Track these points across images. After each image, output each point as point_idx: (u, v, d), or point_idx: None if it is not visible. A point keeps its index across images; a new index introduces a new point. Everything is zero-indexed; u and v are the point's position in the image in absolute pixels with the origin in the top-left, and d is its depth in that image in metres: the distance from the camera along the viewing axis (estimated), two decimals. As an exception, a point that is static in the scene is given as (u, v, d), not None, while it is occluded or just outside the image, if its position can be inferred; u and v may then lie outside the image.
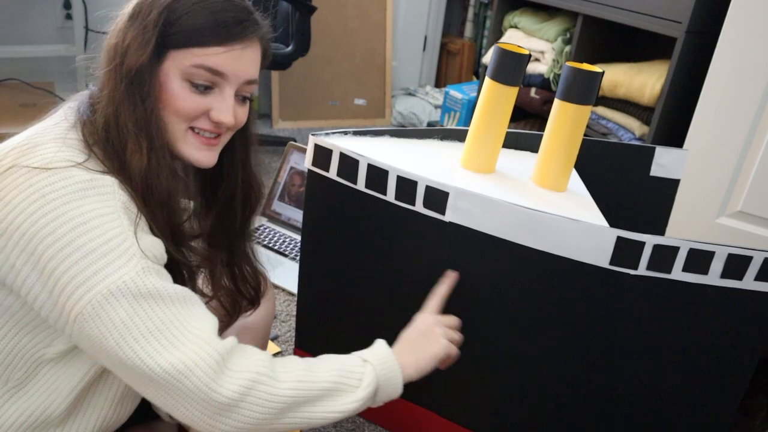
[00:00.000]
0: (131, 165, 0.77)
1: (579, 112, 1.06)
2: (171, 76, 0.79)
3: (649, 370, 0.96)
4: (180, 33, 0.78)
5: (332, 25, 2.78)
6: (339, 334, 1.19)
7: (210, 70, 0.79)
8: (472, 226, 0.96)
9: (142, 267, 0.72)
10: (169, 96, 0.79)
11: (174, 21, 0.78)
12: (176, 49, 0.78)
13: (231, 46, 0.80)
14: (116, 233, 0.72)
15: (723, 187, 1.69)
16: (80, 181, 0.72)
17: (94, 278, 0.70)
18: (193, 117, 0.81)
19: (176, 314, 0.73)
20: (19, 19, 2.33)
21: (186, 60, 0.78)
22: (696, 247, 0.87)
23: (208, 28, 0.78)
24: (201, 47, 0.78)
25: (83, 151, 0.76)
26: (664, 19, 1.80)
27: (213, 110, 0.81)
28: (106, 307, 0.70)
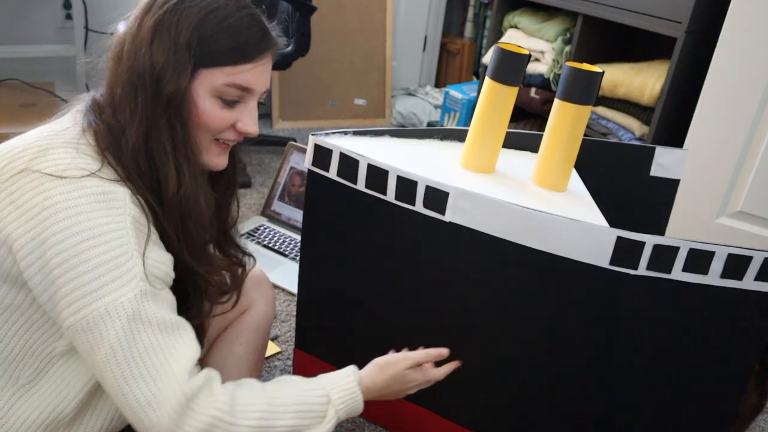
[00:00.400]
0: (167, 187, 0.79)
1: (579, 112, 1.06)
2: (201, 94, 0.80)
3: (649, 369, 0.97)
4: (212, 53, 0.79)
5: (332, 25, 2.78)
6: (339, 334, 1.19)
7: (241, 87, 0.81)
8: (472, 226, 0.96)
9: (140, 290, 0.73)
10: (201, 113, 0.81)
11: (205, 41, 0.78)
12: (207, 68, 0.79)
13: (257, 62, 0.82)
14: (123, 251, 0.73)
15: (723, 187, 1.69)
16: (93, 193, 0.74)
17: (94, 294, 0.72)
18: (221, 130, 0.84)
19: (161, 343, 0.74)
20: (19, 19, 2.33)
21: (218, 79, 0.80)
22: (696, 247, 0.87)
23: (239, 48, 0.80)
24: (232, 66, 0.80)
25: (96, 159, 0.77)
26: (664, 19, 1.80)
27: (240, 122, 0.84)
28: (100, 325, 0.72)
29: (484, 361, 1.05)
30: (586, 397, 1.00)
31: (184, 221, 0.82)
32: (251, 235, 1.80)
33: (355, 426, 1.23)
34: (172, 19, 0.78)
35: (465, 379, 1.08)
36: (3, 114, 2.02)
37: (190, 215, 0.82)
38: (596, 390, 0.99)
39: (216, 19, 0.79)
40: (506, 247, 0.95)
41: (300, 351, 1.26)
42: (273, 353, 1.38)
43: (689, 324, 0.92)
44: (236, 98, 0.83)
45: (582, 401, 1.01)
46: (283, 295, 1.59)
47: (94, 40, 2.36)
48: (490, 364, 1.05)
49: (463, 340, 1.05)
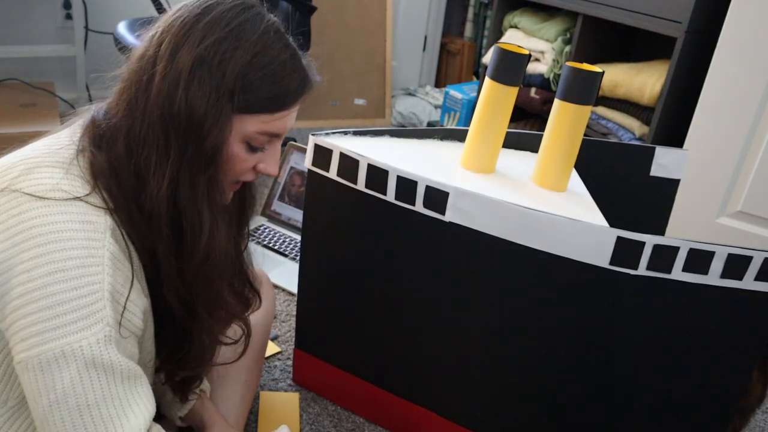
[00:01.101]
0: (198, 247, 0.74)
1: (579, 112, 1.06)
2: (232, 141, 0.75)
3: (648, 369, 0.96)
4: (252, 101, 0.74)
5: (332, 25, 2.78)
6: (339, 334, 1.19)
7: (272, 134, 0.78)
8: (472, 226, 0.96)
9: (104, 335, 0.67)
10: (228, 159, 0.76)
11: (248, 88, 0.73)
12: (242, 113, 0.74)
13: (293, 108, 0.78)
14: (91, 290, 0.67)
15: (723, 187, 1.69)
16: (73, 220, 0.68)
17: (52, 332, 0.65)
18: (243, 174, 0.80)
19: (118, 393, 0.69)
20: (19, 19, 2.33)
21: (251, 126, 0.75)
22: (696, 247, 0.87)
23: (280, 97, 0.75)
24: (270, 114, 0.75)
25: (87, 183, 0.71)
26: (664, 19, 1.80)
27: (262, 163, 0.80)
28: (53, 367, 0.66)
29: (484, 361, 1.05)
30: (587, 396, 1.00)
31: (209, 279, 0.77)
32: (251, 235, 1.80)
33: (355, 426, 1.23)
34: (215, 60, 0.71)
35: (465, 379, 1.08)
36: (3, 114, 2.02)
37: (219, 274, 0.78)
38: (596, 390, 0.99)
39: (261, 64, 0.73)
40: (506, 247, 0.95)
41: (300, 351, 1.26)
42: (273, 353, 1.38)
43: (689, 324, 0.92)
44: (264, 144, 0.79)
45: (582, 401, 1.01)
46: (283, 295, 1.59)
47: (94, 40, 2.36)
48: (489, 363, 1.05)
49: (462, 339, 1.05)
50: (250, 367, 1.11)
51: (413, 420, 1.17)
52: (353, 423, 1.24)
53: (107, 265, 0.68)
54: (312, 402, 1.27)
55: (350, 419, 1.24)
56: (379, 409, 1.21)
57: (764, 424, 1.37)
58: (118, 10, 2.39)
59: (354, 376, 1.21)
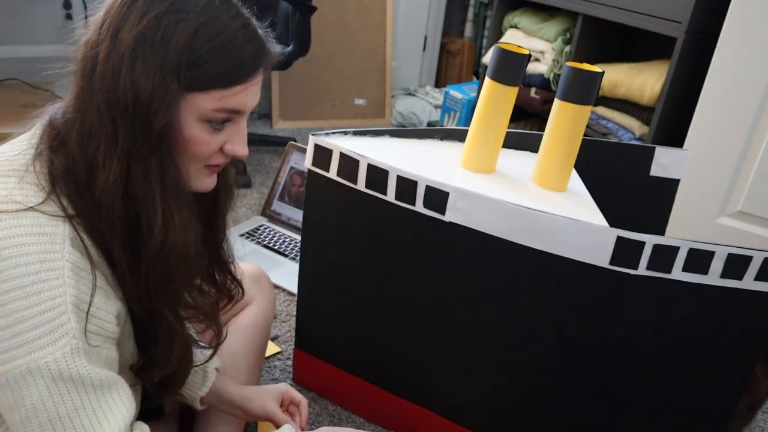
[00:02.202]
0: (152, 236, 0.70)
1: (579, 112, 1.06)
2: (188, 120, 0.71)
3: (648, 369, 0.96)
4: (202, 77, 0.69)
5: (332, 25, 2.78)
6: (339, 333, 1.19)
7: (231, 110, 0.73)
8: (472, 226, 0.96)
9: (71, 348, 0.65)
10: (188, 141, 0.72)
11: (195, 63, 0.68)
12: (194, 92, 0.70)
13: (249, 81, 0.73)
14: (53, 305, 0.65)
15: (723, 187, 1.69)
16: (28, 233, 0.65)
17: (16, 350, 0.64)
18: (209, 156, 0.75)
19: (91, 402, 0.68)
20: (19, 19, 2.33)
21: (207, 104, 0.71)
22: (696, 247, 0.87)
23: (232, 70, 0.70)
24: (223, 89, 0.71)
25: (43, 190, 0.68)
26: (664, 19, 1.80)
27: (228, 143, 0.76)
28: (21, 384, 0.64)
29: (484, 361, 1.05)
30: (587, 396, 1.00)
31: (169, 271, 0.73)
32: (251, 235, 1.80)
33: (355, 426, 1.23)
34: (156, 36, 0.67)
35: (465, 379, 1.08)
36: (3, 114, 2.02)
37: (176, 265, 0.73)
38: (596, 389, 0.99)
39: (207, 36, 0.68)
40: (506, 247, 0.95)
41: (300, 351, 1.26)
42: (273, 353, 1.38)
43: (689, 324, 0.92)
44: (225, 120, 0.74)
45: (582, 401, 1.01)
46: (283, 295, 1.59)
47: (94, 40, 2.35)
48: (489, 363, 1.05)
49: (462, 339, 1.05)
50: (250, 368, 1.11)
51: (413, 420, 1.17)
52: (353, 423, 1.24)
53: (68, 276, 0.66)
54: (312, 402, 1.27)
55: (350, 419, 1.24)
56: (379, 409, 1.21)
57: (764, 424, 1.37)
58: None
59: (354, 376, 1.21)
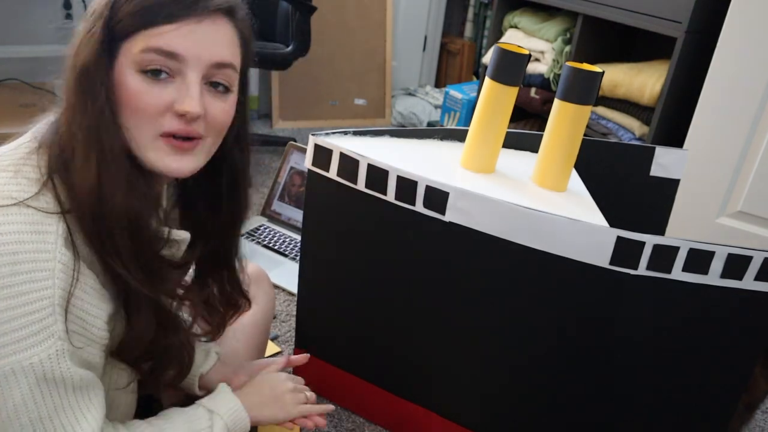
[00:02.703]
0: (80, 182, 0.67)
1: (579, 112, 1.06)
2: (125, 71, 0.69)
3: (649, 369, 0.96)
4: (125, 19, 0.68)
5: (332, 25, 2.78)
6: (339, 334, 1.19)
7: (161, 51, 0.68)
8: (472, 226, 0.96)
9: (56, 349, 0.65)
10: (126, 93, 0.69)
11: (119, 8, 0.68)
12: (125, 39, 0.69)
13: (182, 21, 0.68)
14: (40, 306, 0.64)
15: (723, 187, 1.69)
16: (18, 231, 0.63)
17: (2, 350, 0.63)
18: (155, 113, 0.70)
19: (70, 403, 0.68)
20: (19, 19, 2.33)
21: (134, 46, 0.68)
22: (696, 247, 0.87)
23: (151, 6, 0.68)
24: (147, 28, 0.68)
25: (36, 183, 0.67)
26: (664, 19, 1.80)
27: (176, 101, 0.70)
28: (3, 384, 0.63)
29: (484, 361, 1.05)
30: (586, 396, 1.00)
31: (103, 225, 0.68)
32: (251, 235, 1.80)
33: (355, 426, 1.23)
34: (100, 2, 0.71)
35: (465, 379, 1.08)
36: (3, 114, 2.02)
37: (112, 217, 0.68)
38: (596, 389, 0.99)
39: None
40: (506, 247, 0.95)
41: (300, 351, 1.26)
42: (273, 353, 1.38)
43: (689, 324, 0.92)
44: (163, 68, 0.69)
45: (582, 401, 1.01)
46: (283, 295, 1.59)
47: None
48: (489, 363, 1.05)
49: (462, 339, 1.05)
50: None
51: (413, 420, 1.17)
52: (353, 423, 1.24)
53: (58, 278, 0.64)
54: (312, 402, 1.27)
55: (350, 419, 1.24)
56: (379, 409, 1.21)
57: (764, 424, 1.37)
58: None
59: (354, 376, 1.21)
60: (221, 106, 0.74)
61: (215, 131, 0.75)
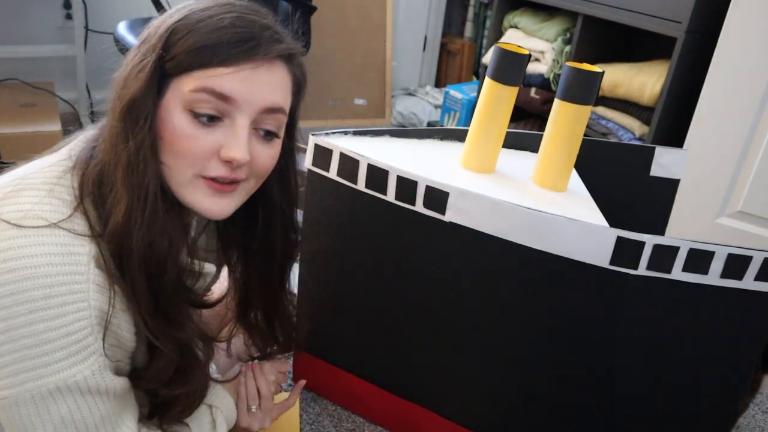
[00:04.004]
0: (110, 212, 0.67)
1: (579, 112, 1.05)
2: (172, 109, 0.67)
3: (648, 369, 0.96)
4: (179, 55, 0.67)
5: (332, 25, 2.78)
6: (339, 334, 1.19)
7: (214, 93, 0.67)
8: (472, 226, 0.96)
9: (99, 365, 0.66)
10: (171, 133, 0.67)
11: (174, 43, 0.67)
12: (177, 76, 0.67)
13: (239, 66, 0.67)
14: (80, 326, 0.64)
15: (723, 187, 1.69)
16: (51, 253, 0.62)
17: (44, 369, 0.63)
18: (200, 158, 0.68)
19: (113, 409, 0.69)
20: (19, 19, 2.33)
21: (186, 85, 0.67)
22: (696, 247, 0.87)
23: (209, 46, 0.67)
24: (203, 69, 0.67)
25: (69, 204, 0.66)
26: (664, 19, 1.80)
27: (223, 147, 0.68)
28: (48, 401, 0.64)
29: (484, 361, 1.05)
30: (586, 397, 1.00)
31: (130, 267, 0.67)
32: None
33: (355, 426, 1.23)
34: (152, 32, 0.70)
35: (465, 379, 1.08)
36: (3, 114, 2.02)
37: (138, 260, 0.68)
38: (596, 390, 0.99)
39: (191, 21, 0.68)
40: (506, 247, 0.95)
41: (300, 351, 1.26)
42: (273, 353, 1.38)
43: (689, 324, 0.92)
44: (213, 111, 0.67)
45: (582, 401, 1.01)
46: (283, 295, 1.59)
47: (94, 40, 2.36)
48: (489, 363, 1.05)
49: (462, 339, 1.05)
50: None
51: (413, 420, 1.17)
52: (353, 423, 1.24)
53: (93, 299, 0.64)
54: (312, 402, 1.27)
55: (350, 419, 1.24)
56: (379, 409, 1.21)
57: (764, 424, 1.37)
58: (118, 10, 2.39)
59: (354, 376, 1.21)
60: (267, 152, 0.74)
61: (258, 176, 0.75)
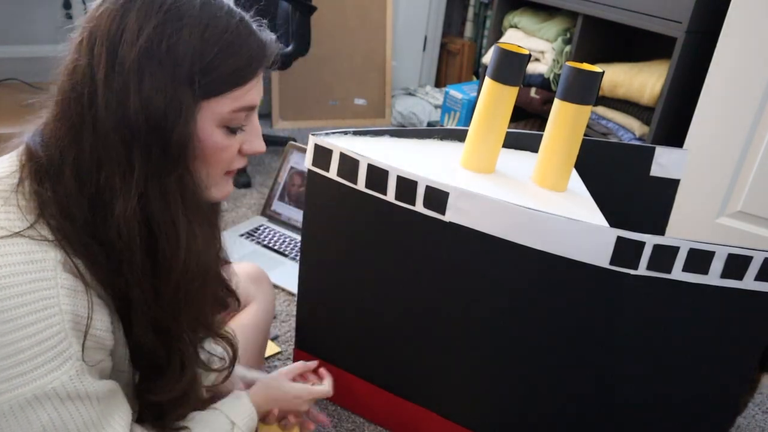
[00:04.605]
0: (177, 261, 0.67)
1: (579, 112, 1.06)
2: (208, 128, 0.67)
3: (649, 369, 0.96)
4: (217, 81, 0.66)
5: (332, 25, 2.78)
6: (339, 334, 1.19)
7: (248, 108, 0.70)
8: (472, 226, 0.96)
9: (76, 370, 0.64)
10: (210, 150, 0.69)
11: (207, 68, 0.65)
12: (210, 98, 0.66)
13: (258, 76, 0.70)
14: (52, 333, 0.62)
15: (723, 187, 1.69)
16: (16, 262, 0.61)
17: (20, 378, 0.62)
18: (231, 160, 0.72)
19: (97, 413, 0.67)
20: (19, 19, 2.33)
21: (224, 107, 0.67)
22: (696, 247, 0.87)
23: (244, 67, 0.68)
24: (239, 88, 0.68)
25: (29, 214, 0.64)
26: (664, 19, 1.80)
27: (245, 144, 0.73)
28: (28, 411, 0.62)
29: (484, 361, 1.05)
30: (586, 396, 1.00)
31: (194, 295, 0.70)
32: (251, 235, 1.80)
33: (355, 426, 1.23)
34: (161, 48, 0.63)
35: (465, 379, 1.08)
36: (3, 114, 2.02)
37: (202, 286, 0.70)
38: (596, 389, 0.99)
39: (214, 38, 0.65)
40: (506, 247, 0.95)
41: (300, 351, 1.26)
42: (273, 353, 1.38)
43: (689, 324, 0.92)
44: (244, 122, 0.71)
45: (582, 401, 1.01)
46: (283, 295, 1.59)
47: (94, 40, 2.35)
48: (489, 363, 1.05)
49: (462, 339, 1.05)
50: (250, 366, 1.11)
51: (413, 420, 1.17)
52: (353, 423, 1.24)
53: (64, 303, 0.63)
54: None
55: (350, 419, 1.24)
56: (379, 409, 1.21)
57: (764, 425, 1.37)
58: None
59: (354, 375, 1.21)
60: None
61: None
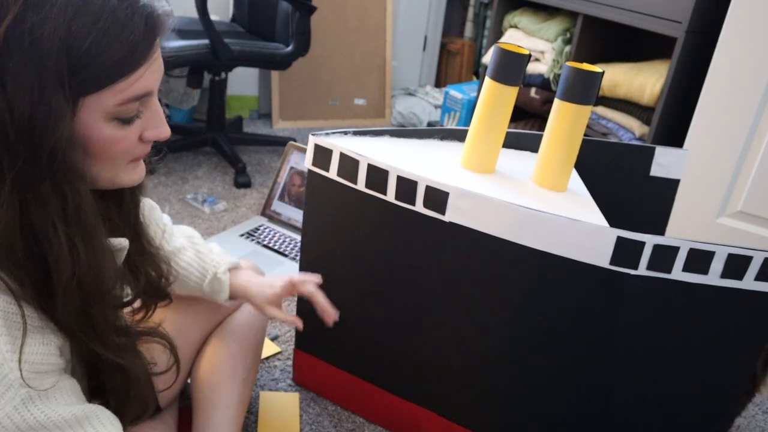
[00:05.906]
0: (60, 271, 0.62)
1: (579, 112, 1.06)
2: (94, 125, 0.62)
3: (649, 369, 0.97)
4: (93, 77, 0.59)
5: (332, 25, 2.78)
6: (339, 334, 1.19)
7: (139, 97, 0.64)
8: (472, 226, 0.96)
9: (21, 398, 0.61)
10: (102, 145, 0.63)
11: (79, 65, 0.58)
12: (92, 94, 0.60)
13: (149, 60, 0.63)
14: None
15: (723, 187, 1.69)
16: None
17: None
18: (131, 150, 0.67)
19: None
20: (19, 19, 2.33)
21: (109, 101, 0.61)
22: (696, 247, 0.87)
23: (127, 56, 0.60)
24: (124, 79, 0.61)
25: None
26: (664, 19, 1.80)
27: (147, 131, 0.68)
28: None
29: (484, 361, 1.05)
30: (587, 396, 1.00)
31: (85, 306, 0.65)
32: (251, 235, 1.80)
33: (355, 426, 1.23)
34: (23, 44, 0.55)
35: (465, 379, 1.08)
36: None
37: (93, 297, 0.66)
38: (596, 389, 0.99)
39: (84, 28, 0.57)
40: (506, 247, 0.95)
41: (300, 351, 1.26)
42: (273, 353, 1.38)
43: (689, 324, 0.92)
44: (138, 110, 0.65)
45: (582, 401, 1.01)
46: (283, 295, 1.59)
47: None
48: (489, 363, 1.05)
49: (462, 339, 1.05)
50: (247, 366, 1.11)
51: (413, 420, 1.17)
52: (353, 423, 1.24)
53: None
54: (312, 402, 1.27)
55: (350, 419, 1.24)
56: (379, 409, 1.21)
57: (764, 425, 1.37)
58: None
59: (354, 376, 1.21)
60: None
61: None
